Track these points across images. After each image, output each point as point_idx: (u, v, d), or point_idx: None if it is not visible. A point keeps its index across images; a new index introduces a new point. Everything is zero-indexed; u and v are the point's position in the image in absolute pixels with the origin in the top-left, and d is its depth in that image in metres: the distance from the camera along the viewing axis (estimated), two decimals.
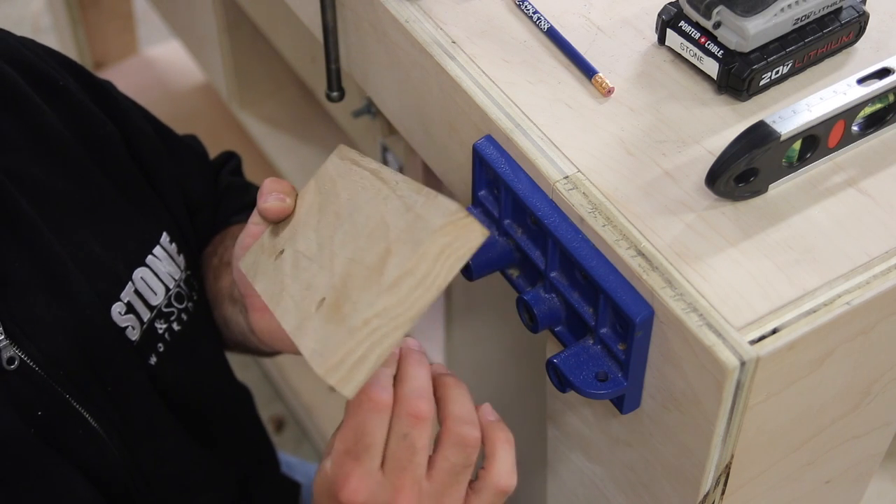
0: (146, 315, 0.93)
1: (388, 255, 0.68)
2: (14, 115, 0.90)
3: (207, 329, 1.03)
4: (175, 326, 0.96)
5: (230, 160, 1.18)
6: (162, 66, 2.24)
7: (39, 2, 2.36)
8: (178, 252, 0.98)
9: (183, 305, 0.97)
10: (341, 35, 0.93)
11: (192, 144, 1.12)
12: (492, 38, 0.82)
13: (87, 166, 0.93)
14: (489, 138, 0.78)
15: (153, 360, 0.93)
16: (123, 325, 0.91)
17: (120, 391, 0.89)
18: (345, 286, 0.70)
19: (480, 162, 0.78)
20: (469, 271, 0.79)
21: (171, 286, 0.96)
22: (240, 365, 1.20)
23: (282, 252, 0.80)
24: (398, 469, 0.70)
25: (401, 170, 1.47)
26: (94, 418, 0.87)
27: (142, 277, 0.93)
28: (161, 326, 0.94)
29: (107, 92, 1.00)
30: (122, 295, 0.91)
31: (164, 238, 0.96)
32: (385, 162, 1.50)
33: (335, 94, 0.98)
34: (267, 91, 1.87)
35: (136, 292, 0.92)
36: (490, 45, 0.82)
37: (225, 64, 1.78)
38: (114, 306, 0.90)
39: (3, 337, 0.82)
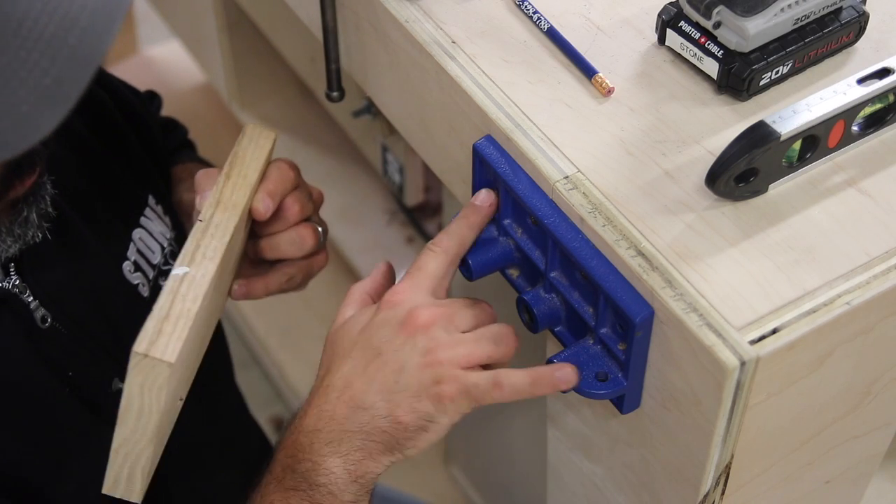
0: (151, 273, 0.95)
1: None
2: None
3: None
4: None
5: (154, 99, 1.19)
6: (162, 66, 2.24)
7: None
8: (164, 213, 1.00)
9: None
10: (341, 35, 0.93)
11: (138, 92, 1.13)
12: (492, 38, 0.82)
13: (80, 130, 0.94)
14: (489, 138, 0.77)
15: None
16: (135, 282, 0.93)
17: None
18: None
19: (480, 162, 0.78)
20: (469, 271, 0.79)
21: (164, 245, 0.98)
22: (239, 365, 1.20)
23: None
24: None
25: (401, 169, 1.47)
26: (120, 379, 0.88)
27: (140, 238, 0.95)
28: (164, 284, 0.96)
29: None
30: (129, 254, 0.93)
31: (151, 200, 0.98)
32: (385, 162, 1.50)
33: (335, 94, 0.98)
34: (267, 91, 1.86)
35: (139, 251, 0.94)
36: (490, 45, 0.82)
37: (225, 64, 1.78)
38: (124, 265, 0.93)
39: (32, 298, 0.83)
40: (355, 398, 0.75)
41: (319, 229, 0.92)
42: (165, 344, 0.74)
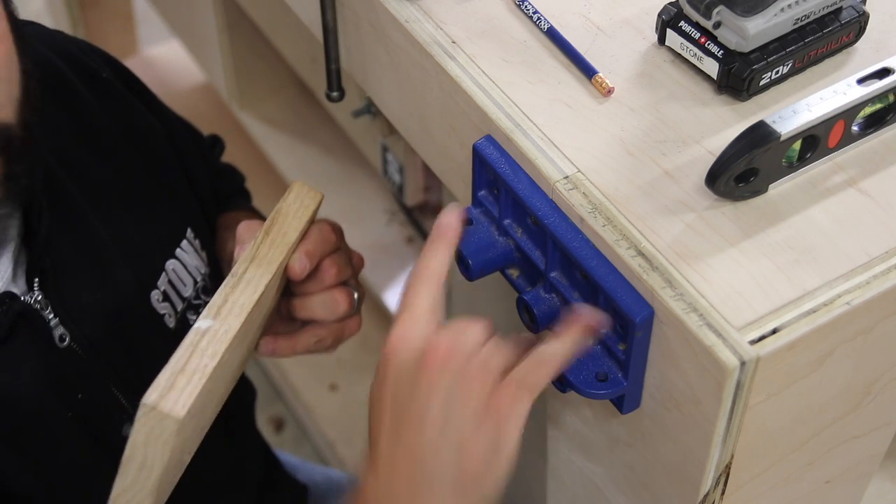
0: (179, 305, 0.95)
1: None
2: (63, 102, 0.92)
3: None
4: None
5: (216, 144, 1.19)
6: (162, 66, 2.24)
7: (39, 2, 2.36)
8: (202, 248, 1.00)
9: (209, 298, 0.98)
10: (341, 35, 0.93)
11: (197, 132, 1.14)
12: (492, 38, 0.82)
13: (127, 156, 0.95)
14: (489, 138, 0.78)
15: None
16: (161, 311, 0.93)
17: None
18: None
19: (480, 162, 0.78)
20: (469, 271, 0.79)
21: (198, 279, 0.97)
22: None
23: None
24: None
25: (401, 169, 1.47)
26: (131, 406, 0.88)
27: (173, 269, 0.95)
28: (192, 318, 0.96)
29: (145, 88, 1.03)
30: (159, 283, 0.93)
31: (189, 233, 0.98)
32: (385, 162, 1.50)
33: (335, 94, 0.98)
34: (267, 91, 1.87)
35: (170, 282, 0.94)
36: (490, 45, 0.82)
37: (225, 64, 1.78)
38: (152, 293, 0.92)
39: (52, 316, 0.83)
40: (413, 477, 0.68)
41: (355, 295, 0.91)
42: (176, 398, 0.73)
